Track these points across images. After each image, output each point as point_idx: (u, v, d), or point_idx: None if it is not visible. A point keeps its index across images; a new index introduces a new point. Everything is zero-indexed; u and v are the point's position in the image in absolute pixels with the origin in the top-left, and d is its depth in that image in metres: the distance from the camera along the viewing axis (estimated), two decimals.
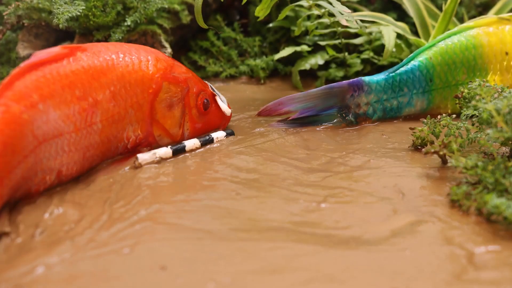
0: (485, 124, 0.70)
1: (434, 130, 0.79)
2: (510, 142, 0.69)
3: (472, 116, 0.77)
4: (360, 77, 0.91)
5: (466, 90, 0.81)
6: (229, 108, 0.88)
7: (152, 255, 0.55)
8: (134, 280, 0.52)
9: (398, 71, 0.92)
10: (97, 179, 0.71)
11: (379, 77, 0.92)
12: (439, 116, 0.80)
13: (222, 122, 0.88)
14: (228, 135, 0.86)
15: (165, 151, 0.77)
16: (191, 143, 0.81)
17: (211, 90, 0.87)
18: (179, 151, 0.79)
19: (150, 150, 0.79)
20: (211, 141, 0.83)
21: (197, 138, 0.83)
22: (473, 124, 0.77)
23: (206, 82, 0.88)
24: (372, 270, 0.54)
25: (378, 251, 0.57)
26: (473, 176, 0.68)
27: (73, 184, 0.71)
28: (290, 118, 0.90)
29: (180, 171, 0.74)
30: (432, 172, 0.74)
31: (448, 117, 0.78)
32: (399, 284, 0.52)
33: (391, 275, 0.53)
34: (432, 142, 0.80)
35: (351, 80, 0.91)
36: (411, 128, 0.82)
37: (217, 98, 0.87)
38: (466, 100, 0.81)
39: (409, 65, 0.93)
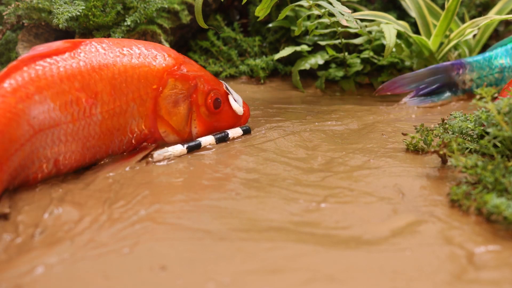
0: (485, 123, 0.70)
1: (425, 138, 0.78)
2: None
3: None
4: (461, 58, 1.06)
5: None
6: (246, 107, 0.87)
7: (152, 255, 0.55)
8: (134, 280, 0.52)
9: (495, 52, 1.05)
10: (97, 179, 0.71)
11: (478, 57, 1.07)
12: (432, 125, 0.80)
13: (236, 121, 0.87)
14: (245, 132, 0.86)
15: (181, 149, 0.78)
16: (207, 141, 0.82)
17: (225, 89, 0.86)
18: (193, 148, 0.80)
19: (156, 146, 0.79)
20: (226, 137, 0.84)
21: (213, 135, 0.83)
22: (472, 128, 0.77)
23: (222, 81, 0.87)
24: (372, 270, 0.54)
25: (378, 251, 0.57)
26: (473, 176, 0.68)
27: (73, 184, 0.71)
28: (411, 96, 1.05)
29: (180, 171, 0.74)
30: (432, 172, 0.74)
31: (440, 127, 0.78)
32: (399, 284, 0.52)
33: (391, 275, 0.53)
34: (423, 150, 0.80)
35: (453, 60, 1.07)
36: (403, 134, 0.82)
37: (230, 97, 0.86)
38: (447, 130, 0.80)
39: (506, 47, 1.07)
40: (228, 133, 0.84)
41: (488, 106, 0.68)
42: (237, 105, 0.86)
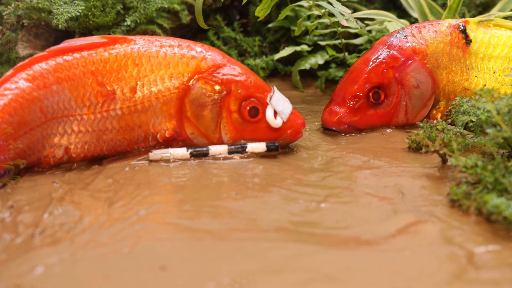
0: (485, 124, 0.70)
1: (430, 135, 0.78)
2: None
3: (467, 124, 0.79)
4: None
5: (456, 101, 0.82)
6: (295, 120, 0.80)
7: (152, 255, 0.55)
8: (134, 280, 0.52)
9: None
10: (96, 179, 0.71)
11: None
12: (435, 121, 0.80)
13: (274, 135, 0.80)
14: (270, 149, 0.78)
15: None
16: (217, 151, 0.77)
17: (266, 99, 0.79)
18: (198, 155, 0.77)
19: (183, 146, 0.79)
20: (242, 150, 0.78)
21: (227, 145, 0.78)
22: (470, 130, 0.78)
23: (272, 88, 0.81)
24: (372, 270, 0.54)
25: (378, 251, 0.57)
26: (473, 176, 0.68)
27: (73, 184, 0.71)
28: None
29: (180, 171, 0.74)
30: (432, 171, 0.74)
31: (444, 122, 0.79)
32: (399, 284, 0.52)
33: (391, 275, 0.53)
34: (427, 146, 0.80)
35: None
36: (407, 131, 0.82)
37: (268, 108, 0.79)
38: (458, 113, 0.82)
39: None
40: (246, 146, 0.78)
41: (487, 106, 0.68)
42: (271, 117, 0.79)
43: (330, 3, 0.96)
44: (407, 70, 0.89)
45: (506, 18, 1.02)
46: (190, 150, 0.77)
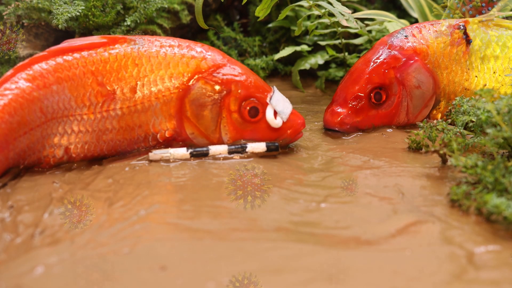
0: (485, 124, 0.70)
1: (430, 135, 0.78)
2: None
3: (467, 124, 0.79)
4: None
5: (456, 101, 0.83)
6: (295, 120, 0.80)
7: (152, 255, 0.55)
8: (134, 280, 0.52)
9: None
10: (96, 179, 0.71)
11: None
12: (435, 121, 0.80)
13: (274, 135, 0.80)
14: (270, 149, 0.78)
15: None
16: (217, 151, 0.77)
17: (266, 99, 0.79)
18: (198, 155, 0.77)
19: (183, 146, 0.78)
20: (242, 150, 0.78)
21: (227, 145, 0.78)
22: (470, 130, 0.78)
23: (272, 88, 0.81)
24: (372, 270, 0.54)
25: (378, 251, 0.57)
26: (473, 176, 0.68)
27: (72, 184, 0.71)
28: None
29: (180, 171, 0.74)
30: (432, 171, 0.74)
31: (444, 122, 0.79)
32: (399, 284, 0.52)
33: (391, 275, 0.53)
34: (427, 146, 0.80)
35: None
36: (407, 131, 0.82)
37: (268, 108, 0.79)
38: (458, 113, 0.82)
39: None
40: (246, 146, 0.78)
41: (487, 106, 0.68)
42: (271, 117, 0.79)
43: (330, 3, 0.96)
44: (408, 70, 0.89)
45: (506, 18, 1.02)
46: (190, 150, 0.77)
